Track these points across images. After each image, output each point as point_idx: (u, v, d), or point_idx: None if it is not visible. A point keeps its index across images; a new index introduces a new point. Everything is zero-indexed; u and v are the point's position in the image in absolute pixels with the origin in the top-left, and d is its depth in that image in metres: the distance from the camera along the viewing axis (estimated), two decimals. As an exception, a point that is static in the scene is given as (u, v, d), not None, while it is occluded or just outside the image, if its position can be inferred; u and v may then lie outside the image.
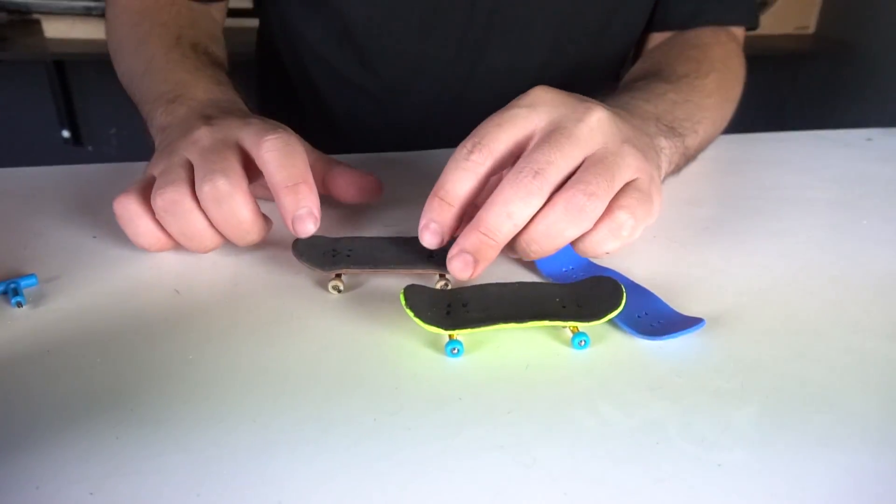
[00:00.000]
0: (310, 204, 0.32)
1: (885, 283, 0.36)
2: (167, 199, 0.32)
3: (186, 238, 0.33)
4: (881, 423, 0.26)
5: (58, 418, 0.25)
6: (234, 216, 0.32)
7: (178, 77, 0.43)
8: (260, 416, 0.25)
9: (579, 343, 0.29)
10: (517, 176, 0.29)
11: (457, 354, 0.28)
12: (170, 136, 0.37)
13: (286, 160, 0.32)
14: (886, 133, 0.64)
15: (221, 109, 0.38)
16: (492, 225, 0.29)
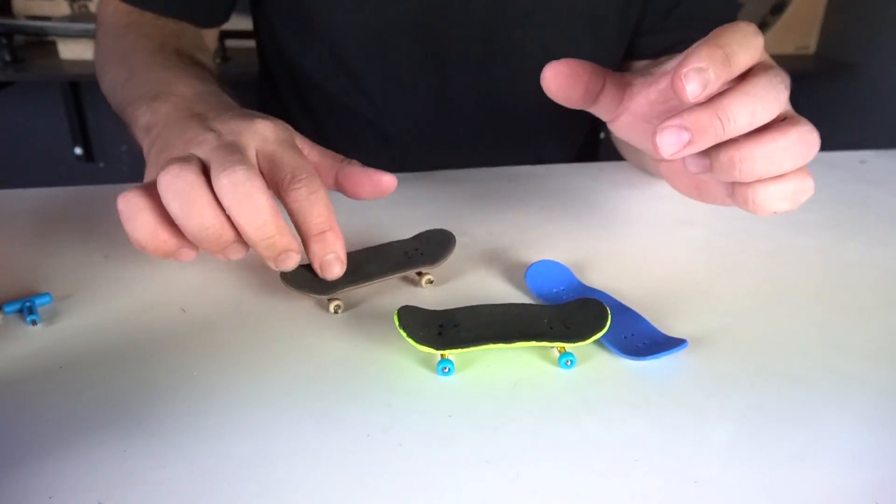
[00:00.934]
0: (337, 249, 0.32)
1: (868, 305, 0.37)
2: (178, 181, 0.29)
3: (197, 228, 0.30)
4: (856, 441, 0.27)
5: (70, 431, 0.26)
6: (252, 202, 0.29)
7: (160, 75, 0.42)
8: (259, 430, 0.26)
9: (566, 363, 0.30)
10: (772, 78, 0.28)
11: (448, 373, 0.29)
12: (161, 135, 0.36)
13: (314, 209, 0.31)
14: (880, 155, 0.65)
15: (208, 103, 0.37)
16: (732, 112, 0.27)
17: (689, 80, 0.26)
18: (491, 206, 0.48)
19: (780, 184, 0.30)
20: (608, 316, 0.31)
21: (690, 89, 0.27)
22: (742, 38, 0.28)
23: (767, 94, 0.27)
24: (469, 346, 0.29)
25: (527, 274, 0.37)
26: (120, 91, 0.45)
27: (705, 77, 0.26)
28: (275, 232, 0.30)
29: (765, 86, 0.28)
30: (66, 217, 0.45)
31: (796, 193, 0.30)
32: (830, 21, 1.64)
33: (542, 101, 0.63)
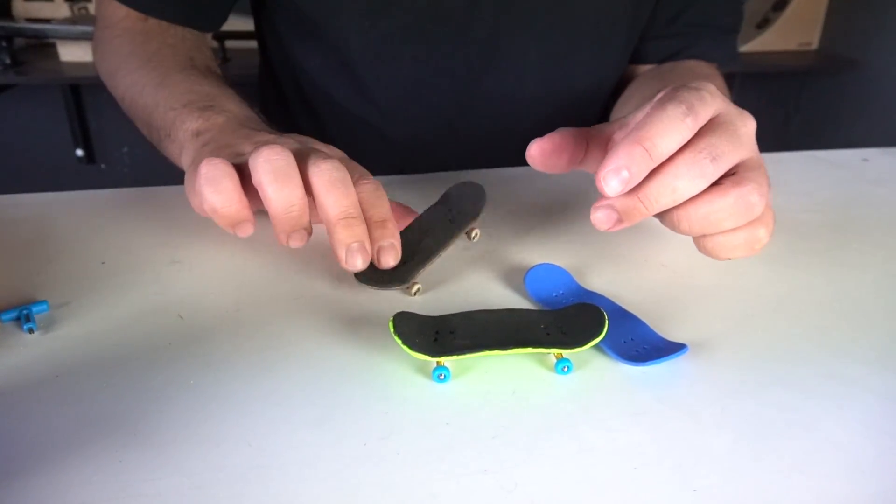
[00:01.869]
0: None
1: (870, 310, 0.37)
2: (278, 159, 0.32)
3: (284, 204, 0.32)
4: (858, 449, 0.27)
5: (65, 441, 0.26)
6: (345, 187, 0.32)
7: (205, 89, 0.44)
8: (255, 440, 0.26)
9: (562, 369, 0.30)
10: (696, 155, 0.29)
11: (444, 380, 0.29)
12: (216, 139, 0.39)
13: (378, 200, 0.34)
14: (883, 153, 0.65)
15: (260, 126, 0.40)
16: (653, 194, 0.29)
17: (608, 182, 0.28)
18: (491, 208, 0.48)
19: (727, 236, 0.31)
20: (605, 321, 0.30)
21: (610, 189, 0.29)
22: (665, 127, 0.29)
23: (689, 173, 0.29)
24: (465, 354, 0.29)
25: (526, 278, 0.36)
26: (150, 92, 0.46)
27: (623, 177, 0.28)
28: (356, 214, 0.32)
29: (688, 165, 0.29)
30: (63, 223, 0.44)
31: (748, 243, 0.31)
32: (833, 17, 1.63)
33: (545, 107, 0.63)
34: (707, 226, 0.30)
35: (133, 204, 0.47)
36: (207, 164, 0.33)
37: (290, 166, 0.32)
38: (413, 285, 0.36)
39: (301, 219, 0.33)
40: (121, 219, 0.45)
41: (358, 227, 0.32)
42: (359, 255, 0.32)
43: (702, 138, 0.30)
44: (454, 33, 0.57)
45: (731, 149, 0.30)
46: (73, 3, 1.37)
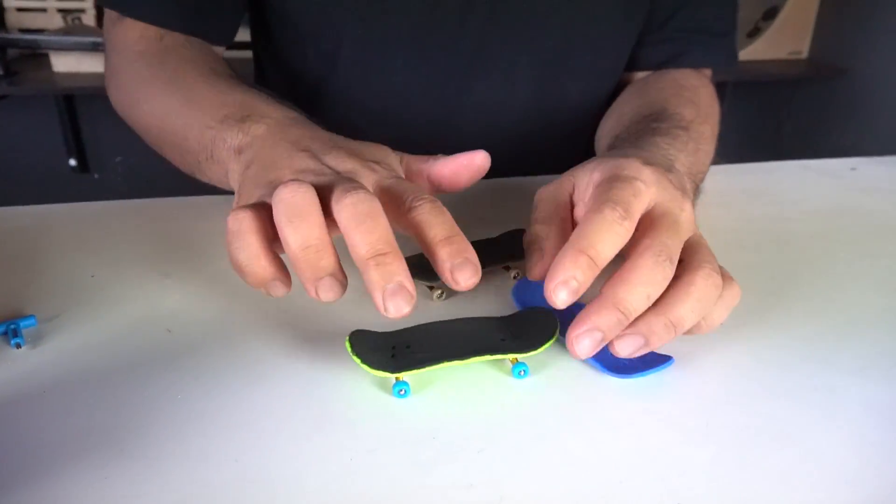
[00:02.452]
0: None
1: (856, 319, 0.37)
2: (296, 196, 0.28)
3: (299, 244, 0.28)
4: (843, 459, 0.27)
5: (51, 457, 0.26)
6: (373, 220, 0.28)
7: (238, 98, 0.41)
8: (242, 455, 0.26)
9: (519, 373, 0.30)
10: (655, 258, 0.30)
11: (404, 395, 0.29)
12: (258, 157, 0.35)
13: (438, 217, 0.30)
14: (871, 162, 0.65)
15: (302, 128, 0.37)
16: (631, 305, 0.29)
17: (558, 293, 0.29)
18: (479, 217, 0.48)
19: (710, 316, 0.32)
20: (557, 324, 0.31)
21: (561, 300, 0.29)
22: (604, 235, 0.29)
23: (655, 277, 0.29)
24: (424, 367, 0.29)
25: (513, 290, 0.37)
26: (174, 117, 0.43)
27: (572, 286, 0.29)
28: (389, 250, 0.28)
29: (650, 269, 0.29)
30: (52, 235, 0.44)
31: (726, 307, 0.32)
32: (822, 26, 1.64)
33: (536, 116, 0.63)
34: (694, 317, 0.31)
35: (123, 216, 0.47)
36: (232, 219, 0.30)
37: (306, 203, 0.29)
38: (436, 289, 0.37)
39: (320, 261, 0.28)
40: (110, 231, 0.45)
41: (392, 265, 0.28)
42: (398, 297, 0.27)
43: (654, 239, 0.30)
44: (445, 41, 0.58)
45: (678, 242, 0.31)
46: (67, 14, 1.37)
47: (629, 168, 0.33)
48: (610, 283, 0.30)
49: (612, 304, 0.29)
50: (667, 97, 0.53)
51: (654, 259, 0.29)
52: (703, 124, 0.50)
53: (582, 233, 0.30)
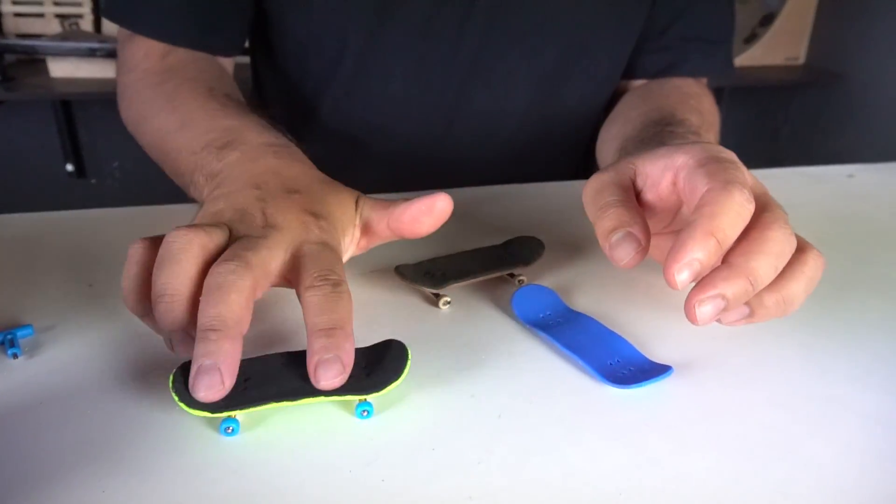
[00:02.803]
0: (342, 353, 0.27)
1: (855, 328, 0.37)
2: (177, 242, 0.28)
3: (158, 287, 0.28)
4: (841, 470, 0.27)
5: (48, 470, 0.26)
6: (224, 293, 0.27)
7: (224, 124, 0.41)
8: (241, 468, 0.26)
9: (362, 413, 0.28)
10: (784, 230, 0.29)
11: (232, 433, 0.27)
12: (221, 185, 0.36)
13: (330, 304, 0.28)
14: (868, 169, 0.65)
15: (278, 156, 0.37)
16: (762, 274, 0.28)
17: (681, 273, 0.28)
18: (478, 226, 0.48)
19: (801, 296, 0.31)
20: (407, 362, 0.29)
21: (681, 282, 0.28)
22: (735, 217, 0.28)
23: (785, 249, 0.29)
24: (254, 406, 0.27)
25: (513, 299, 0.37)
26: (172, 137, 0.44)
27: (695, 268, 0.28)
28: (220, 328, 0.26)
29: (783, 241, 0.29)
30: (50, 243, 0.44)
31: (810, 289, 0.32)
32: (819, 32, 1.65)
33: (534, 123, 0.63)
34: (803, 297, 0.31)
35: (121, 224, 0.47)
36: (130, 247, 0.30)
37: (183, 252, 0.28)
38: (442, 297, 0.37)
39: (171, 314, 0.27)
40: (109, 239, 0.45)
41: (220, 342, 0.26)
42: (205, 377, 0.25)
43: (774, 213, 0.30)
44: (444, 51, 0.58)
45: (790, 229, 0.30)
46: (64, 19, 1.37)
47: (723, 151, 0.32)
48: (740, 253, 0.28)
49: (744, 273, 0.28)
50: (673, 104, 0.53)
51: (783, 231, 0.29)
52: (709, 132, 0.50)
53: (711, 213, 0.28)
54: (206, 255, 0.29)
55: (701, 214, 0.28)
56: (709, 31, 0.61)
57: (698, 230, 0.28)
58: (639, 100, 0.58)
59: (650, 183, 0.34)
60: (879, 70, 1.53)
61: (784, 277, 0.30)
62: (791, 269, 0.30)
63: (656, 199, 0.34)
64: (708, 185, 0.29)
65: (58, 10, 1.36)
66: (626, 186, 0.33)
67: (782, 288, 0.30)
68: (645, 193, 0.34)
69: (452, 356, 0.33)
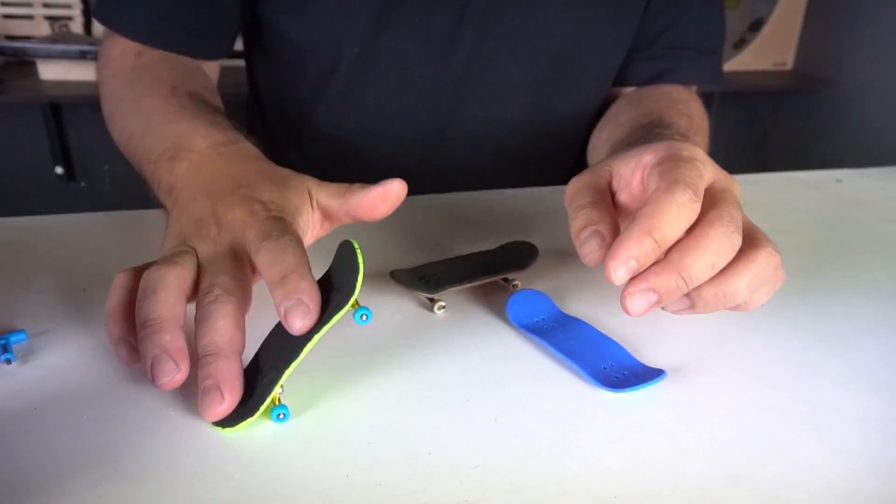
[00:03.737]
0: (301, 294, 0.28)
1: (845, 331, 0.37)
2: (156, 275, 0.30)
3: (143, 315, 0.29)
4: (832, 473, 0.27)
5: (43, 476, 0.26)
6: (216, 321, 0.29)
7: (176, 129, 0.42)
8: (237, 473, 0.26)
9: (361, 318, 0.28)
10: (725, 228, 0.29)
11: (283, 419, 0.28)
12: (178, 201, 0.37)
13: (277, 257, 0.30)
14: (856, 174, 0.66)
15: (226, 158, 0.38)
16: (695, 271, 0.29)
17: (617, 271, 0.29)
18: (473, 231, 0.48)
19: (760, 292, 0.32)
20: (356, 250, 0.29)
21: (618, 278, 0.29)
22: (675, 217, 0.29)
23: (724, 246, 0.29)
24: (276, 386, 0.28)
25: (507, 303, 0.37)
26: (136, 142, 0.44)
27: (632, 266, 0.29)
28: (216, 352, 0.28)
29: (721, 239, 0.29)
30: (42, 247, 0.44)
31: (772, 290, 0.33)
32: (807, 38, 1.67)
33: (526, 128, 0.64)
34: (746, 293, 0.31)
35: (114, 228, 0.47)
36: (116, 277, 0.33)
37: (159, 283, 0.30)
38: (437, 301, 0.37)
39: (156, 337, 0.28)
40: (102, 243, 0.45)
41: (217, 364, 0.28)
42: (208, 396, 0.28)
43: (722, 210, 0.30)
44: (438, 57, 0.58)
45: (740, 216, 0.31)
46: (54, 21, 1.36)
47: (686, 148, 0.33)
48: (677, 249, 0.29)
49: (676, 269, 0.29)
50: (662, 108, 0.54)
51: (723, 229, 0.29)
52: (697, 135, 0.51)
53: (650, 212, 0.29)
54: (182, 283, 0.31)
55: (642, 214, 0.29)
56: (699, 40, 0.62)
57: (636, 230, 0.29)
58: (629, 105, 0.59)
59: (623, 183, 0.35)
60: (866, 76, 1.55)
61: (726, 272, 0.30)
62: (736, 264, 0.30)
63: (629, 199, 0.35)
64: (656, 185, 0.31)
65: (47, 12, 1.35)
66: (600, 188, 0.35)
67: (723, 283, 0.30)
68: (619, 193, 0.35)
69: (448, 360, 0.33)
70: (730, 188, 0.32)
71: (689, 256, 0.29)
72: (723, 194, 0.32)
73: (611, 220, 0.32)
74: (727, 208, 0.30)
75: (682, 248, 0.29)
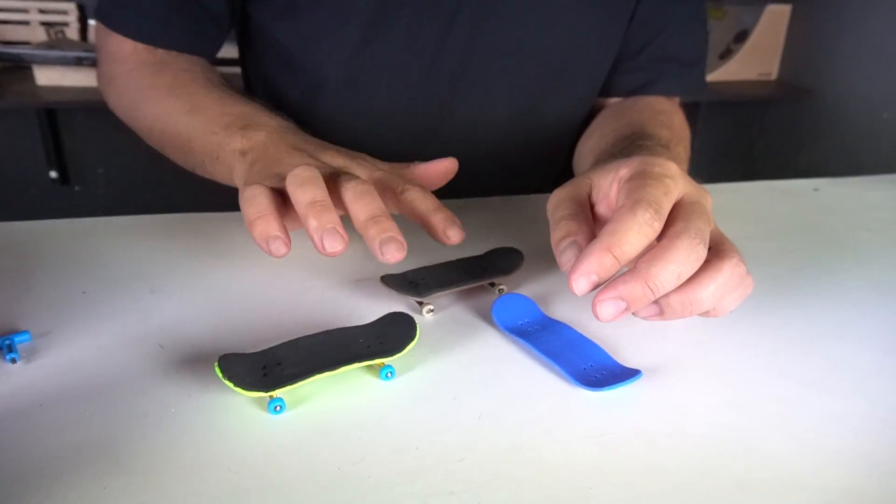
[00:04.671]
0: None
1: (815, 333, 0.39)
2: (305, 173, 0.36)
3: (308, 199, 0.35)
4: (798, 467, 0.29)
5: (49, 469, 0.27)
6: (371, 197, 0.36)
7: (237, 109, 0.47)
8: (235, 465, 0.27)
9: (386, 374, 0.33)
10: (690, 240, 0.31)
11: (279, 411, 0.30)
12: (262, 157, 0.42)
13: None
14: (832, 183, 0.68)
15: (296, 135, 0.44)
16: (660, 280, 0.31)
17: (578, 283, 0.31)
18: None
19: (726, 300, 0.34)
20: (416, 327, 0.34)
21: (579, 290, 0.31)
22: (634, 235, 0.31)
23: (689, 258, 0.31)
24: (297, 382, 0.30)
25: (493, 307, 0.38)
26: (184, 120, 0.50)
27: (592, 280, 0.31)
28: (384, 215, 0.35)
29: (686, 250, 0.31)
30: (42, 251, 0.45)
31: (740, 297, 0.35)
32: (791, 49, 1.71)
33: (515, 135, 0.66)
34: (712, 301, 0.33)
35: (111, 232, 0.48)
36: (248, 188, 0.37)
37: (314, 177, 0.36)
38: (426, 305, 0.39)
39: (325, 214, 0.34)
40: (100, 247, 0.46)
41: (386, 223, 0.35)
42: (390, 245, 0.34)
43: (689, 223, 0.32)
44: (427, 65, 0.60)
45: (708, 228, 0.33)
46: (50, 27, 1.37)
47: (658, 164, 0.34)
48: (645, 259, 0.31)
49: (643, 278, 0.30)
50: (644, 120, 0.55)
51: (689, 241, 0.31)
52: (678, 146, 0.53)
53: (611, 230, 0.31)
54: (323, 179, 0.37)
55: (604, 231, 0.32)
56: (682, 53, 0.63)
57: (597, 246, 0.31)
58: (613, 116, 0.61)
59: (602, 195, 0.37)
60: (848, 86, 1.59)
61: (693, 282, 0.32)
62: (702, 274, 0.32)
63: (607, 210, 0.37)
64: (622, 202, 0.33)
65: (43, 17, 1.36)
66: (580, 200, 0.37)
67: (689, 292, 0.32)
68: (598, 205, 0.37)
69: (436, 361, 0.35)
70: (700, 201, 0.34)
71: (655, 266, 0.31)
72: (692, 207, 0.33)
73: (588, 231, 0.34)
74: (694, 221, 0.32)
75: (650, 258, 0.31)
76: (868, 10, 1.53)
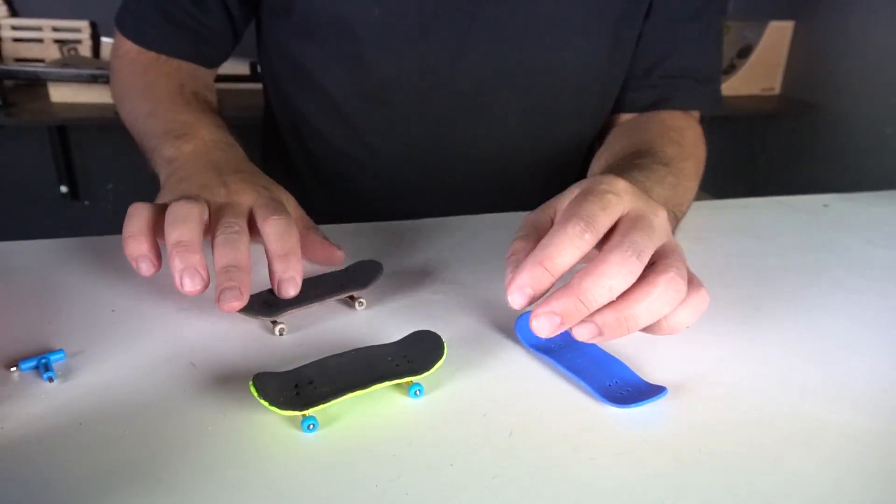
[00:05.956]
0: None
1: (832, 350, 0.40)
2: (183, 208, 0.37)
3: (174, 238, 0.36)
4: (820, 483, 0.29)
5: (94, 488, 0.27)
6: (235, 246, 0.37)
7: (183, 118, 0.50)
8: (275, 484, 0.28)
9: (415, 392, 0.34)
10: (622, 253, 0.31)
11: (313, 430, 0.31)
12: (180, 169, 0.44)
13: (284, 234, 0.38)
14: (842, 199, 0.69)
15: (224, 153, 0.46)
16: (592, 294, 0.31)
17: (514, 298, 0.32)
18: (481, 253, 0.51)
19: (670, 318, 0.33)
20: (444, 345, 0.35)
21: (515, 303, 0.32)
22: (564, 248, 0.32)
23: (621, 271, 0.31)
24: (329, 401, 0.31)
25: (516, 324, 0.39)
26: (142, 120, 0.53)
27: (527, 293, 0.32)
28: (237, 265, 0.36)
29: (618, 264, 0.31)
30: (67, 270, 0.46)
31: (693, 311, 0.34)
32: (794, 64, 1.72)
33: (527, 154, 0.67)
34: (652, 317, 0.33)
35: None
36: (131, 206, 0.39)
37: (187, 216, 0.37)
38: (278, 324, 0.39)
39: (188, 256, 0.36)
40: (124, 264, 0.46)
41: (235, 273, 0.36)
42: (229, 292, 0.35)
43: (625, 237, 0.32)
44: (441, 84, 0.61)
45: (650, 242, 0.33)
46: (63, 45, 1.39)
47: (604, 181, 0.35)
48: (578, 274, 0.32)
49: (574, 293, 0.31)
50: (653, 137, 0.56)
51: (620, 255, 0.32)
52: (685, 161, 0.53)
53: (543, 244, 0.33)
54: (203, 218, 0.38)
55: (538, 246, 0.33)
56: (697, 69, 0.64)
57: (530, 260, 0.32)
58: (622, 136, 0.61)
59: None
60: (850, 101, 1.60)
61: (627, 298, 0.32)
62: (635, 290, 0.32)
63: None
64: (558, 219, 0.34)
65: (57, 35, 1.38)
66: (539, 224, 0.38)
67: (623, 307, 0.32)
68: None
69: (462, 378, 0.36)
70: (645, 216, 0.34)
71: (586, 281, 0.31)
72: (633, 222, 0.34)
73: (528, 252, 0.35)
74: (631, 235, 0.32)
75: (582, 273, 0.32)
76: (870, 26, 1.55)
